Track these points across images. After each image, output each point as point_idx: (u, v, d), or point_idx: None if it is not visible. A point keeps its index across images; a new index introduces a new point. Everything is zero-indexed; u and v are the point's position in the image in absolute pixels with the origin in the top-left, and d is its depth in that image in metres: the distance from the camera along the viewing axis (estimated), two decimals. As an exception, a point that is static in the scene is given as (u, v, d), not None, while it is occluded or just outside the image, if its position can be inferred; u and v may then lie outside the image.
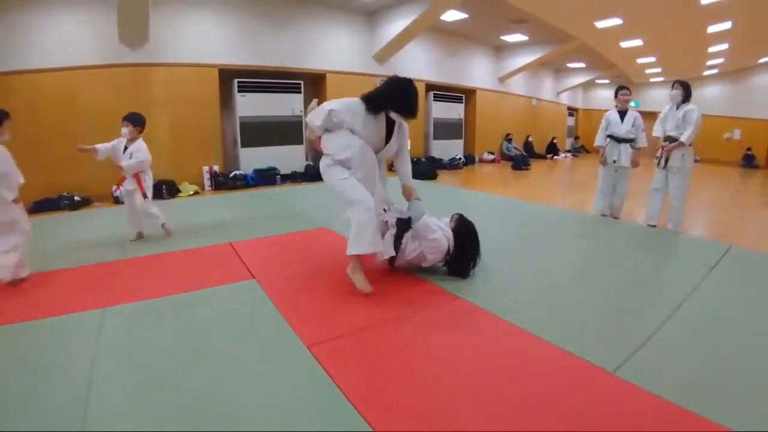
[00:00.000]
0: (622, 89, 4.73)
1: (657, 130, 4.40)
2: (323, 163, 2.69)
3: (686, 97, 4.19)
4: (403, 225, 2.73)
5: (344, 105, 2.57)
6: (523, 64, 12.28)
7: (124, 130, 3.68)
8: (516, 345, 2.03)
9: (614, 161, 4.67)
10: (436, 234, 2.70)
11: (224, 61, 7.42)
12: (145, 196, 3.74)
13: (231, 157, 8.10)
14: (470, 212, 3.03)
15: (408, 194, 2.83)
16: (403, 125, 2.74)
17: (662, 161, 4.30)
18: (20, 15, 5.74)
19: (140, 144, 3.71)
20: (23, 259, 2.79)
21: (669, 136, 4.25)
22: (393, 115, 2.56)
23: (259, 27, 7.72)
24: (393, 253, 2.72)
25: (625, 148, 4.64)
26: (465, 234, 2.83)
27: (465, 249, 2.80)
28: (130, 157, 3.66)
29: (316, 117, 2.62)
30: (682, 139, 4.11)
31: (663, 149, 4.29)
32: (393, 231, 2.73)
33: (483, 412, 1.54)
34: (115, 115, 6.17)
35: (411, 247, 2.75)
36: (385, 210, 2.73)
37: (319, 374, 1.75)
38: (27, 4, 5.77)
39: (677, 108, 4.22)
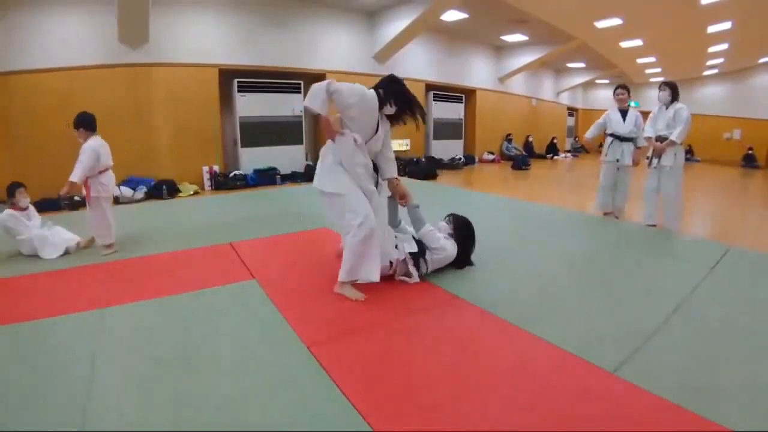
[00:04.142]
0: (618, 88, 4.77)
1: (648, 131, 4.43)
2: (322, 166, 2.58)
3: (674, 96, 4.23)
4: (416, 255, 2.71)
5: (355, 93, 2.43)
6: (523, 64, 12.29)
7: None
8: (516, 345, 2.03)
9: (617, 160, 4.70)
10: (441, 243, 2.76)
11: (224, 61, 7.43)
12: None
13: (231, 157, 8.10)
14: (470, 212, 3.04)
15: (395, 190, 2.73)
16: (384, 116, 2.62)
17: (653, 160, 4.33)
18: (20, 15, 5.75)
19: (84, 145, 3.36)
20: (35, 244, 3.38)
21: (660, 136, 4.28)
22: (387, 108, 2.51)
23: (259, 27, 7.72)
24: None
25: (628, 146, 4.68)
26: (465, 231, 2.94)
27: (467, 245, 2.93)
28: None
29: (314, 98, 2.39)
30: (673, 137, 4.13)
31: (655, 149, 4.32)
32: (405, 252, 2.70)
33: (482, 411, 1.54)
34: (115, 115, 6.27)
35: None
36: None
37: (319, 374, 1.75)
38: (27, 4, 5.78)
39: (666, 108, 4.27)
